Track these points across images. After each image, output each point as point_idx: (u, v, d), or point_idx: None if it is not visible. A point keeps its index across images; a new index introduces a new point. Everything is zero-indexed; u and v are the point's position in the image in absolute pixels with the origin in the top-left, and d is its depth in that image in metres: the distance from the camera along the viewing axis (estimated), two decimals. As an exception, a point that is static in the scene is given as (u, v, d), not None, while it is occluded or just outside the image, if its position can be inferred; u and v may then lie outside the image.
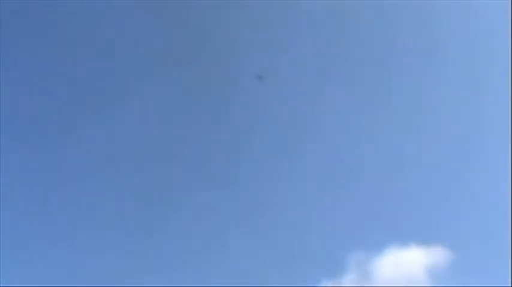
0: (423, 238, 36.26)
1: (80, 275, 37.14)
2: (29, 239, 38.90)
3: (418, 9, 45.84)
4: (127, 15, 45.05)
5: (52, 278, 36.35)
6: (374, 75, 46.53)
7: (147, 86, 44.66)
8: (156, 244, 39.43)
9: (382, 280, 35.22)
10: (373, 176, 40.75)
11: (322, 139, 42.87)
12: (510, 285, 34.08)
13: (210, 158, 43.83)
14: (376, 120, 43.15)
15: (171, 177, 42.91)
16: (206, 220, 40.75)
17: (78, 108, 44.04)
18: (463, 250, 35.57)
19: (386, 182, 40.34)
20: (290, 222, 39.31)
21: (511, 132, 39.69)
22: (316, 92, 44.95)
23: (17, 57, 43.70)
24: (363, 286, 35.73)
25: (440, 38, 45.83)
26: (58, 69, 44.47)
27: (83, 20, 44.84)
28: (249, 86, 44.77)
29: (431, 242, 36.13)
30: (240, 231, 39.23)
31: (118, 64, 45.03)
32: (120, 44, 45.11)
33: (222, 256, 38.78)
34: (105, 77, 44.39)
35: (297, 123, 44.64)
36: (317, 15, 46.01)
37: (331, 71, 45.32)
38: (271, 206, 40.14)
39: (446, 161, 41.21)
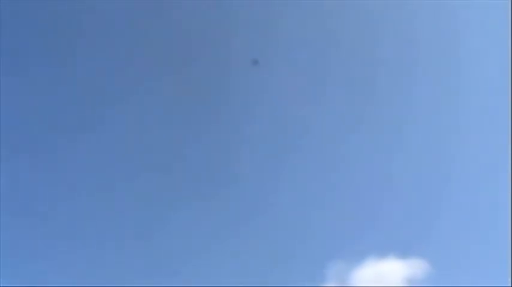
0: (402, 250, 36.73)
1: (80, 275, 38.20)
2: (29, 240, 40.14)
3: (418, 8, 45.12)
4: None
5: (52, 278, 37.43)
6: (375, 73, 46.37)
7: (143, 86, 45.25)
8: (156, 244, 40.27)
9: (360, 291, 35.99)
10: (354, 188, 41.16)
11: (306, 150, 43.25)
12: (510, 285, 34.56)
13: (209, 157, 44.46)
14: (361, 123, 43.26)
15: (170, 177, 43.66)
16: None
17: (77, 109, 44.90)
18: (442, 262, 35.94)
19: (367, 194, 40.73)
20: (270, 227, 40.14)
21: (510, 140, 39.38)
22: (314, 94, 44.96)
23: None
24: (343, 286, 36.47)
25: (440, 37, 45.18)
26: (54, 70, 45.18)
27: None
28: (245, 85, 45.38)
29: (410, 255, 36.63)
30: (225, 235, 40.10)
31: (113, 65, 45.61)
32: (113, 45, 45.52)
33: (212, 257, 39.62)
34: (99, 78, 45.06)
35: (294, 124, 44.94)
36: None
37: (329, 68, 45.24)
38: (257, 212, 40.85)
39: (428, 173, 41.27)
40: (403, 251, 36.58)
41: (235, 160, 43.85)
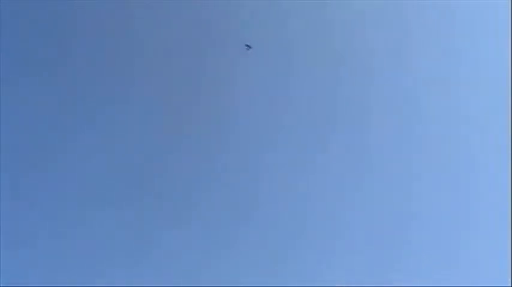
0: (376, 282, 37.75)
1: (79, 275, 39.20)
2: (30, 240, 40.64)
3: (417, 8, 44.85)
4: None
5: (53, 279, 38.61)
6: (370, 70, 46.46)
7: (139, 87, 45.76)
8: (156, 244, 40.97)
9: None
10: (326, 225, 41.84)
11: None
12: (510, 285, 34.97)
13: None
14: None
15: (174, 176, 44.24)
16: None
17: (76, 109, 45.47)
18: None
19: (342, 226, 41.48)
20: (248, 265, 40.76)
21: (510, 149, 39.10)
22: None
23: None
24: None
25: (440, 38, 44.89)
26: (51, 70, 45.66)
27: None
28: (241, 86, 45.90)
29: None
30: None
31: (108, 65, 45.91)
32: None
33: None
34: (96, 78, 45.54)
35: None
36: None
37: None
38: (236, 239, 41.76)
39: (397, 212, 41.93)
40: (376, 283, 37.16)
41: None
